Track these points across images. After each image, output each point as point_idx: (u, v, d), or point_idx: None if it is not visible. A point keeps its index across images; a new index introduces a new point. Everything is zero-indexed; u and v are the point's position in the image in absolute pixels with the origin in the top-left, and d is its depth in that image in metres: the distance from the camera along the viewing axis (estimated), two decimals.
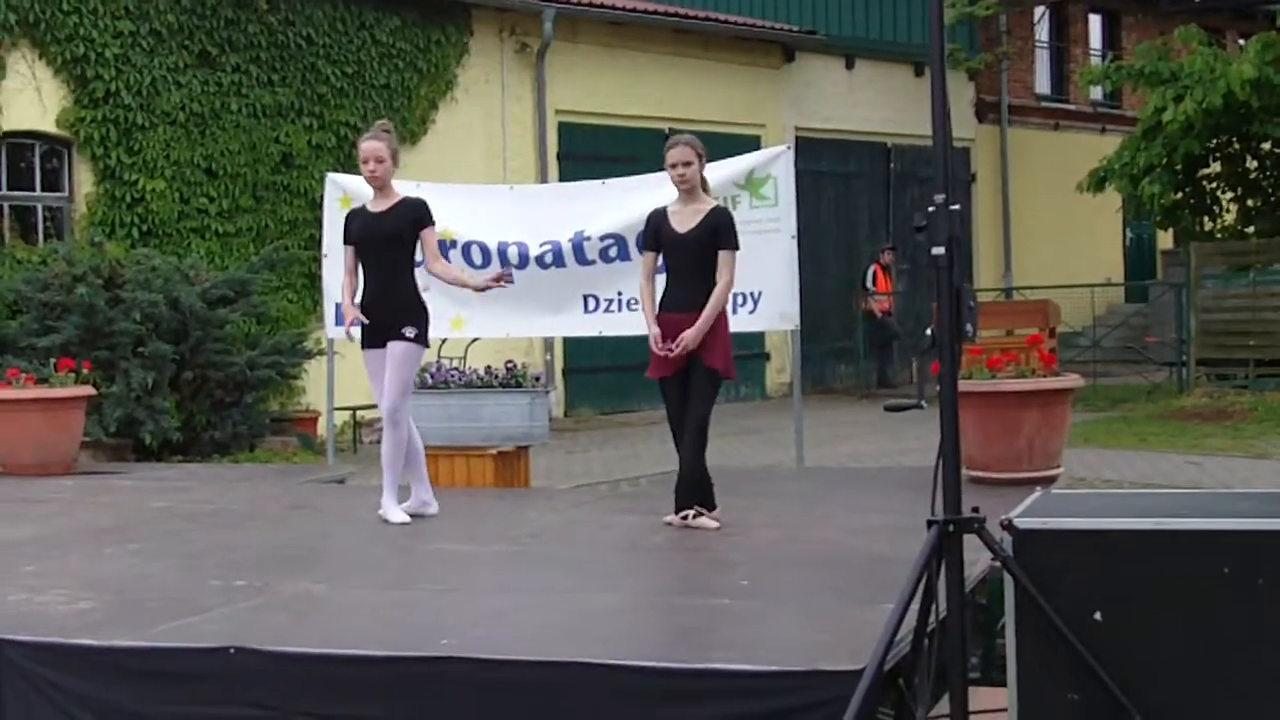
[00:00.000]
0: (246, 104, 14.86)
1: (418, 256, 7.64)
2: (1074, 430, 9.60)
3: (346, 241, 7.58)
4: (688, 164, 7.00)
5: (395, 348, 7.32)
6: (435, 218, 7.62)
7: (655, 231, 7.15)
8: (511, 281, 7.51)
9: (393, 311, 7.34)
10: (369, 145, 7.42)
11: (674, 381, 7.05)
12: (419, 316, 7.42)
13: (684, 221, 7.05)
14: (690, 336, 6.88)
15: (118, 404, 12.02)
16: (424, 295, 7.63)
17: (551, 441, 11.76)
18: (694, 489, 7.03)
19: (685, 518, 7.03)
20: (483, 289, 7.75)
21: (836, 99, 21.15)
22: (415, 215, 7.45)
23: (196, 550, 6.85)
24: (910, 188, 21.92)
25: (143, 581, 5.97)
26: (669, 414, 7.14)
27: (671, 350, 6.90)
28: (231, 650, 4.54)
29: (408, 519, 7.43)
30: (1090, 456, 11.98)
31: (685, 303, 6.99)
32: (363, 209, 7.62)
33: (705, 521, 7.00)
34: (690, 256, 7.03)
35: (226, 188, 14.69)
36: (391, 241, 7.38)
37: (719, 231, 7.02)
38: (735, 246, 7.06)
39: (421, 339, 7.41)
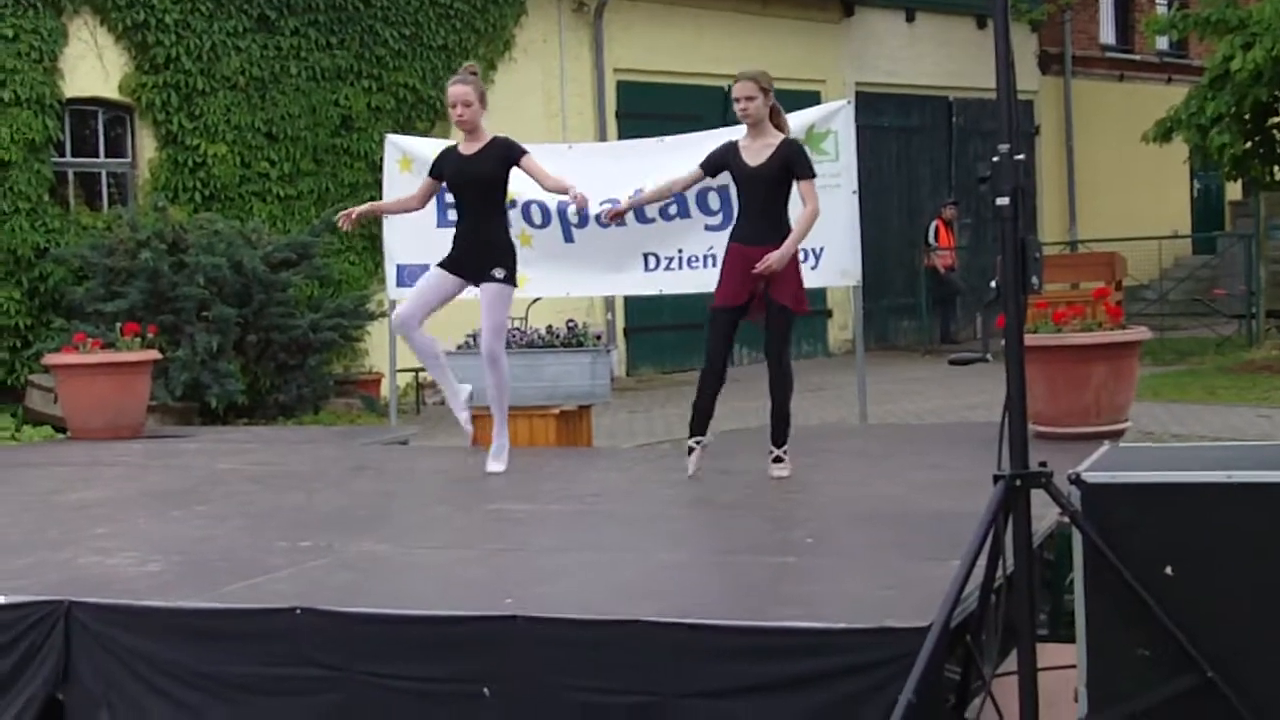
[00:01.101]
0: (305, 67, 14.89)
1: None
2: (1142, 384, 9.48)
3: (432, 174, 7.71)
4: (750, 98, 7.04)
5: (488, 290, 7.43)
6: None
7: (721, 160, 7.22)
8: (584, 205, 7.58)
9: (483, 251, 7.44)
10: (457, 90, 7.47)
11: (730, 315, 7.07)
12: (507, 257, 7.50)
13: (754, 156, 7.08)
14: (776, 258, 6.86)
15: (183, 368, 12.12)
16: None
17: (613, 401, 11.75)
18: (782, 428, 7.13)
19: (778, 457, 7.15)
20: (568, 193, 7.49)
21: (897, 53, 20.95)
22: (505, 154, 7.48)
23: (262, 512, 6.90)
24: (973, 142, 21.70)
25: (210, 543, 6.01)
26: (711, 346, 7.11)
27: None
28: (298, 611, 4.55)
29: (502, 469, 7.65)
30: (1158, 410, 11.85)
31: (758, 236, 7.01)
32: (454, 150, 7.66)
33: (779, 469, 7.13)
34: (760, 191, 7.06)
35: (287, 151, 14.74)
36: (483, 183, 7.45)
37: (792, 162, 7.03)
38: (813, 174, 7.10)
39: (510, 279, 7.50)
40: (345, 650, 4.46)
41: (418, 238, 10.06)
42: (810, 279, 9.42)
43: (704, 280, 9.70)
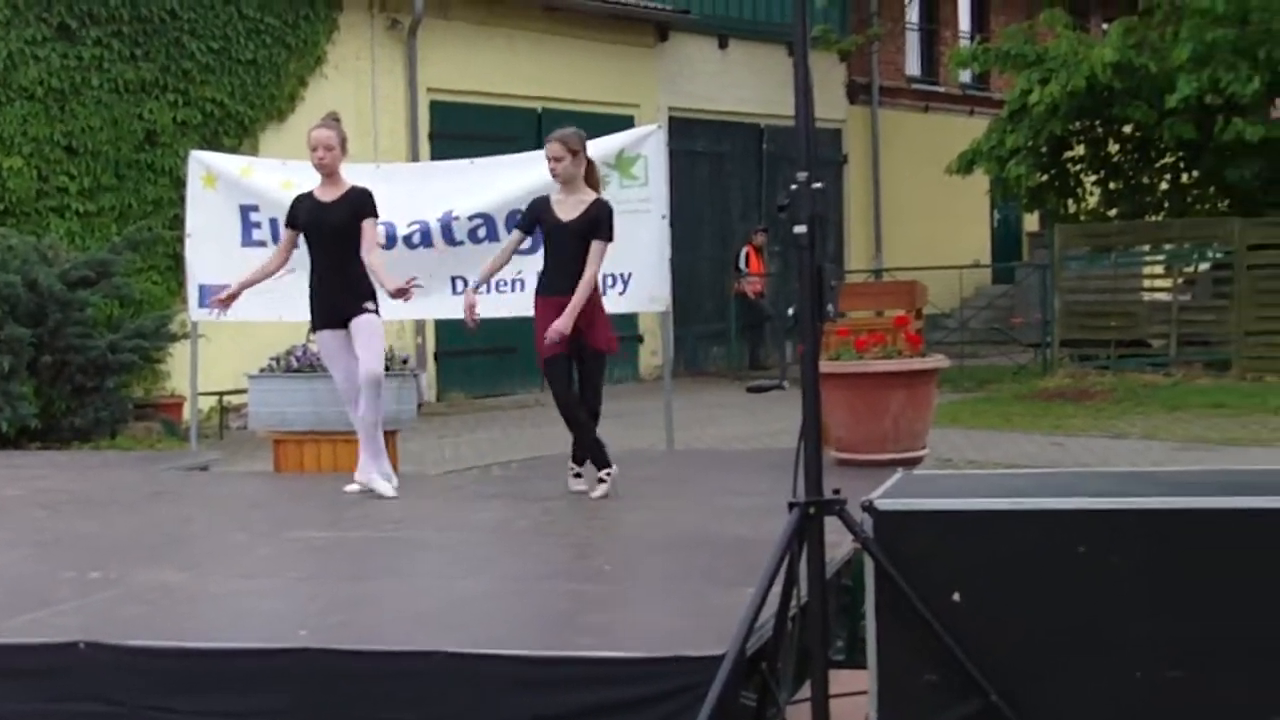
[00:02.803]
0: (108, 79, 14.50)
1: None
2: (940, 411, 9.71)
3: (289, 225, 7.80)
4: (558, 159, 7.30)
5: (360, 321, 7.52)
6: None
7: (535, 217, 7.43)
8: (420, 287, 7.93)
9: (346, 295, 7.54)
10: (318, 134, 7.65)
11: (562, 360, 7.27)
12: (370, 295, 7.60)
13: (566, 211, 7.32)
14: (558, 326, 7.10)
15: None
16: (290, 277, 7.83)
17: (422, 425, 11.64)
18: (593, 454, 7.44)
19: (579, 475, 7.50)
20: (394, 294, 7.54)
21: (710, 79, 21.17)
22: (358, 208, 7.58)
23: (51, 540, 6.68)
24: (783, 168, 21.98)
25: None
26: (556, 392, 7.35)
27: (555, 338, 7.14)
28: (81, 645, 4.41)
29: (394, 493, 7.69)
30: (956, 437, 12.13)
31: (561, 288, 7.23)
32: (310, 195, 7.74)
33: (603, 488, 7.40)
34: (569, 245, 7.28)
35: (88, 165, 14.34)
36: (338, 231, 7.54)
37: (596, 223, 7.25)
38: (608, 239, 7.32)
39: (377, 311, 7.63)
40: (130, 685, 4.33)
41: (222, 258, 9.88)
42: (619, 304, 9.49)
43: (513, 304, 9.68)
